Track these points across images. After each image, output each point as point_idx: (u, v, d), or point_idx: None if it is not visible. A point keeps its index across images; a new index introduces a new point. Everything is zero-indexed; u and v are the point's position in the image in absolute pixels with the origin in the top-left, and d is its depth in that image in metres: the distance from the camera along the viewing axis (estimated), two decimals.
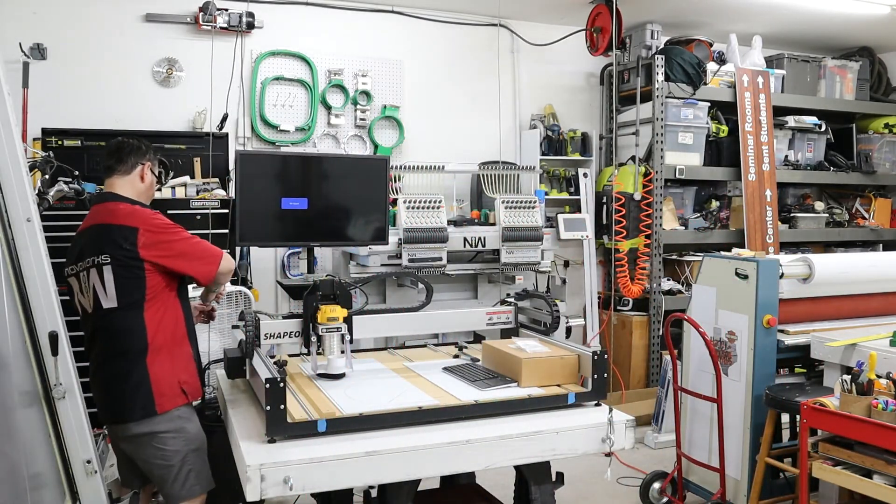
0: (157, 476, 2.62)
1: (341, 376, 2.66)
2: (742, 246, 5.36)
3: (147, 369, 2.56)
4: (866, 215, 6.26)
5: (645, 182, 5.32)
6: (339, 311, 2.66)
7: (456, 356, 3.07)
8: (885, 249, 6.16)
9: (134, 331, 2.56)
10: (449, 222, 4.56)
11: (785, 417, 3.56)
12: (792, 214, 5.92)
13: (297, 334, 2.76)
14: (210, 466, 2.69)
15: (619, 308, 5.56)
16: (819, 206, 6.06)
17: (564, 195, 5.59)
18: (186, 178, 4.27)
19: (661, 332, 5.26)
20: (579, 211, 5.51)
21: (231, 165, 4.39)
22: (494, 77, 5.47)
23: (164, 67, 4.72)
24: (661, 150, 5.32)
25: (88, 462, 2.39)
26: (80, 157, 4.20)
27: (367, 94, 5.17)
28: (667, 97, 5.31)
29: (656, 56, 5.31)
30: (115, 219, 2.59)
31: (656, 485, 3.78)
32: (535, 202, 4.72)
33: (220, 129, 4.65)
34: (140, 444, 2.60)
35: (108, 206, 2.64)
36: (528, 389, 2.53)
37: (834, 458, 2.70)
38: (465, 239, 4.55)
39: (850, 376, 2.74)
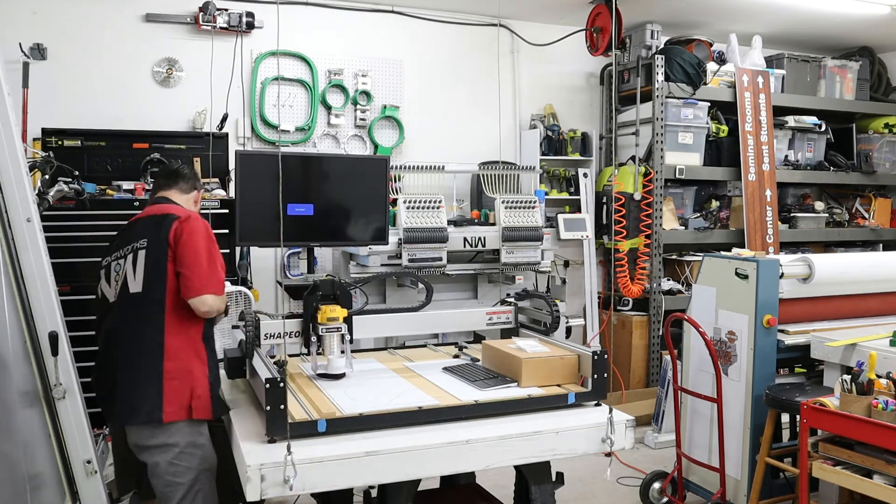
0: (159, 493, 2.55)
1: (341, 376, 2.66)
2: (742, 246, 5.36)
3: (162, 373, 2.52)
4: (866, 215, 6.26)
5: (645, 182, 5.32)
6: (339, 311, 2.66)
7: (456, 356, 3.07)
8: (885, 249, 6.15)
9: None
10: (449, 222, 4.55)
11: (785, 417, 3.57)
12: (792, 214, 5.92)
13: (297, 334, 2.76)
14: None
15: (619, 308, 5.56)
16: (819, 206, 6.06)
17: (564, 195, 5.59)
18: None
19: (661, 332, 5.26)
20: (579, 211, 5.51)
21: (231, 165, 4.39)
22: (494, 77, 5.46)
23: (164, 67, 4.72)
24: (661, 150, 5.32)
25: (88, 462, 2.39)
26: (80, 157, 4.19)
27: (367, 94, 5.17)
28: (667, 97, 5.31)
29: (656, 56, 5.31)
30: (167, 211, 2.69)
31: (656, 485, 3.78)
32: (535, 202, 4.72)
33: (220, 129, 4.64)
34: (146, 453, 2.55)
35: (162, 206, 2.76)
36: (528, 389, 2.53)
37: (834, 458, 2.70)
38: (465, 239, 4.54)
39: (850, 376, 2.74)
